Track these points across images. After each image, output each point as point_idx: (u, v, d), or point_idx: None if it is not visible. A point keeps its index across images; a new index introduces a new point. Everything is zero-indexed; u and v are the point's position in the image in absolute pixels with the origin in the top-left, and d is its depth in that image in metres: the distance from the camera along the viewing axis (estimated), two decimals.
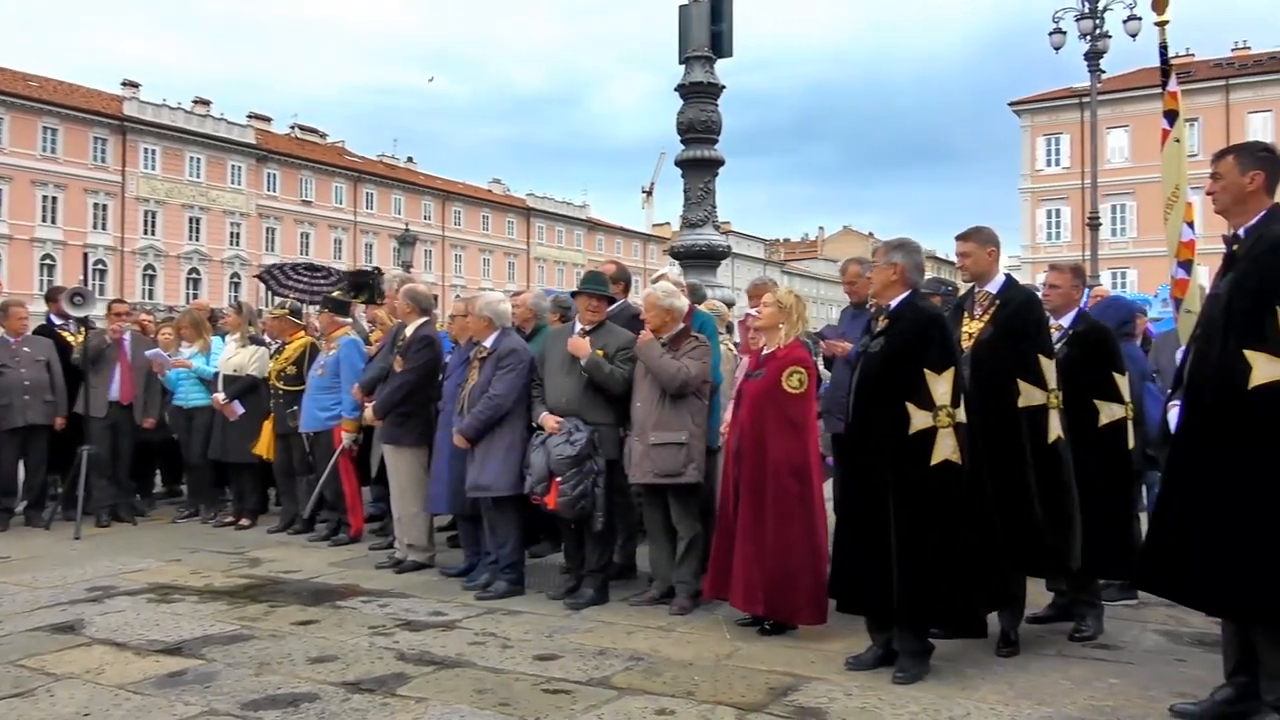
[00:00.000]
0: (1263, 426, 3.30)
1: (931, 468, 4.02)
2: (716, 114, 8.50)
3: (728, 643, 4.67)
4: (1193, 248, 4.91)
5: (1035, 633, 4.77)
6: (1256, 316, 3.36)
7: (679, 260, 8.13)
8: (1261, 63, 45.91)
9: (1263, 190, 3.60)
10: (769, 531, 4.63)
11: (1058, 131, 47.33)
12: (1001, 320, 4.51)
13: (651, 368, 5.19)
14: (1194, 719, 3.61)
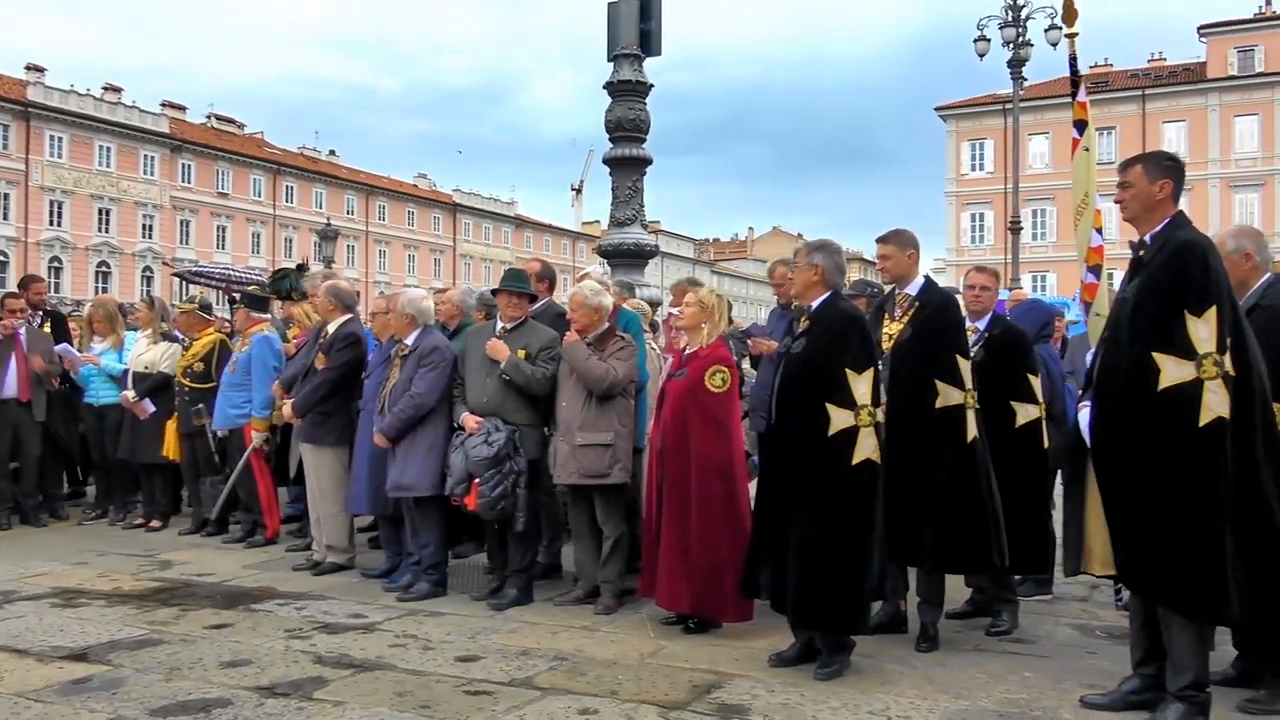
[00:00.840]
0: (1171, 426, 3.45)
1: (852, 467, 4.11)
2: (645, 112, 8.54)
3: (652, 641, 4.71)
4: (1101, 253, 5.08)
5: (954, 628, 4.91)
6: (1164, 321, 3.50)
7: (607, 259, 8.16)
8: (1176, 74, 47.85)
9: (1170, 199, 3.76)
10: (694, 530, 4.68)
11: (982, 137, 48.64)
12: (920, 322, 4.63)
13: (578, 370, 5.20)
14: (1103, 709, 3.76)
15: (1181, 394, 3.43)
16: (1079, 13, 5.21)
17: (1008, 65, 19.32)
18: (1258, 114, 44.86)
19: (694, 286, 5.15)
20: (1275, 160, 44.38)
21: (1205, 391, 3.41)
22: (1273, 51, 45.17)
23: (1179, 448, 3.43)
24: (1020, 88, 19.81)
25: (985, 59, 19.94)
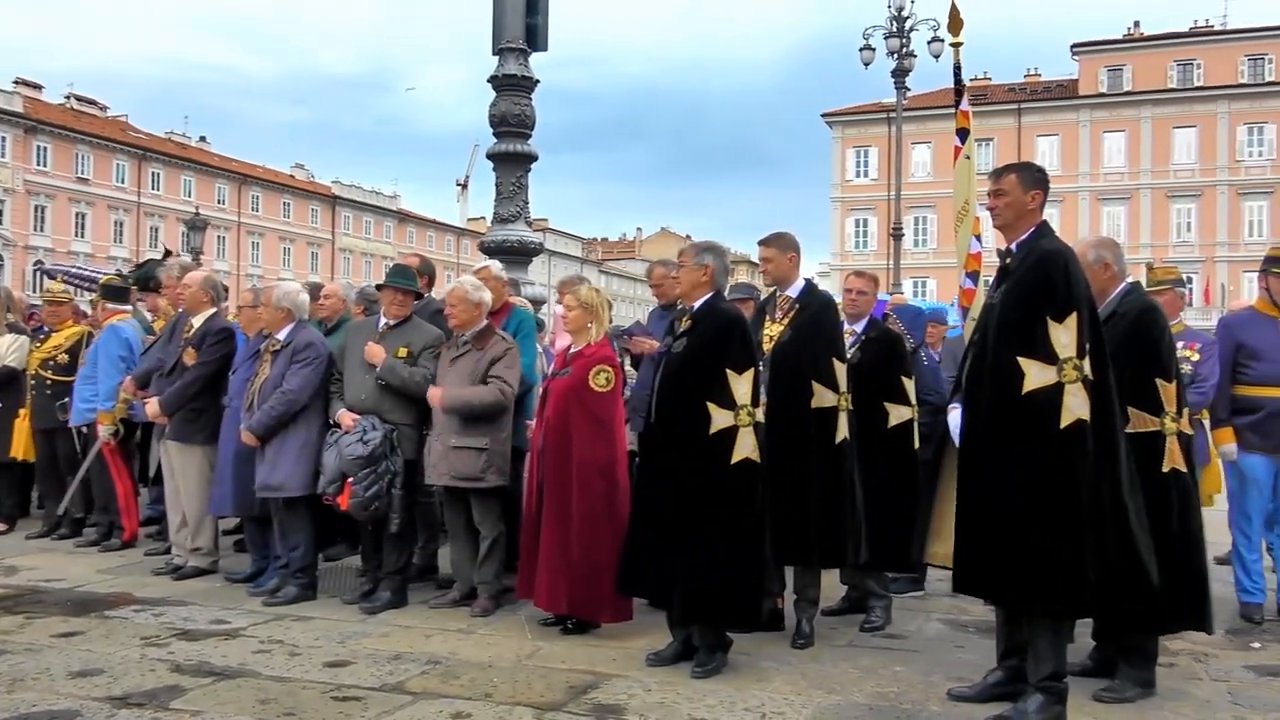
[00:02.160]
0: (1034, 428, 3.63)
1: (732, 466, 4.20)
2: (530, 108, 8.51)
3: (529, 643, 4.71)
4: (980, 260, 5.32)
5: (829, 625, 5.07)
6: (1029, 327, 3.69)
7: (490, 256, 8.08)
8: (1050, 90, 50.38)
9: (1039, 209, 3.96)
10: (574, 530, 4.70)
11: (867, 144, 50.22)
12: (800, 324, 4.77)
13: (472, 408, 5.13)
14: (968, 701, 3.94)
15: (1044, 397, 3.62)
16: (964, 22, 5.42)
17: (892, 75, 19.98)
18: (1125, 131, 47.61)
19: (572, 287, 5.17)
20: (1140, 175, 47.17)
21: (1066, 395, 3.61)
22: (1140, 71, 48.02)
23: (1041, 448, 3.62)
24: (904, 97, 20.53)
25: (870, 68, 20.57)
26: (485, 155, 8.82)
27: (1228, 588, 5.57)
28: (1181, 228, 46.66)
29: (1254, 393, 5.36)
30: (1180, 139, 46.84)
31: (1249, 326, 5.49)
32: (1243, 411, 5.39)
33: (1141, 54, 48.52)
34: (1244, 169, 45.95)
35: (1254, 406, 5.34)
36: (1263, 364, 5.34)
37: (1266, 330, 5.40)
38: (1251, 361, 5.37)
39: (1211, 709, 3.93)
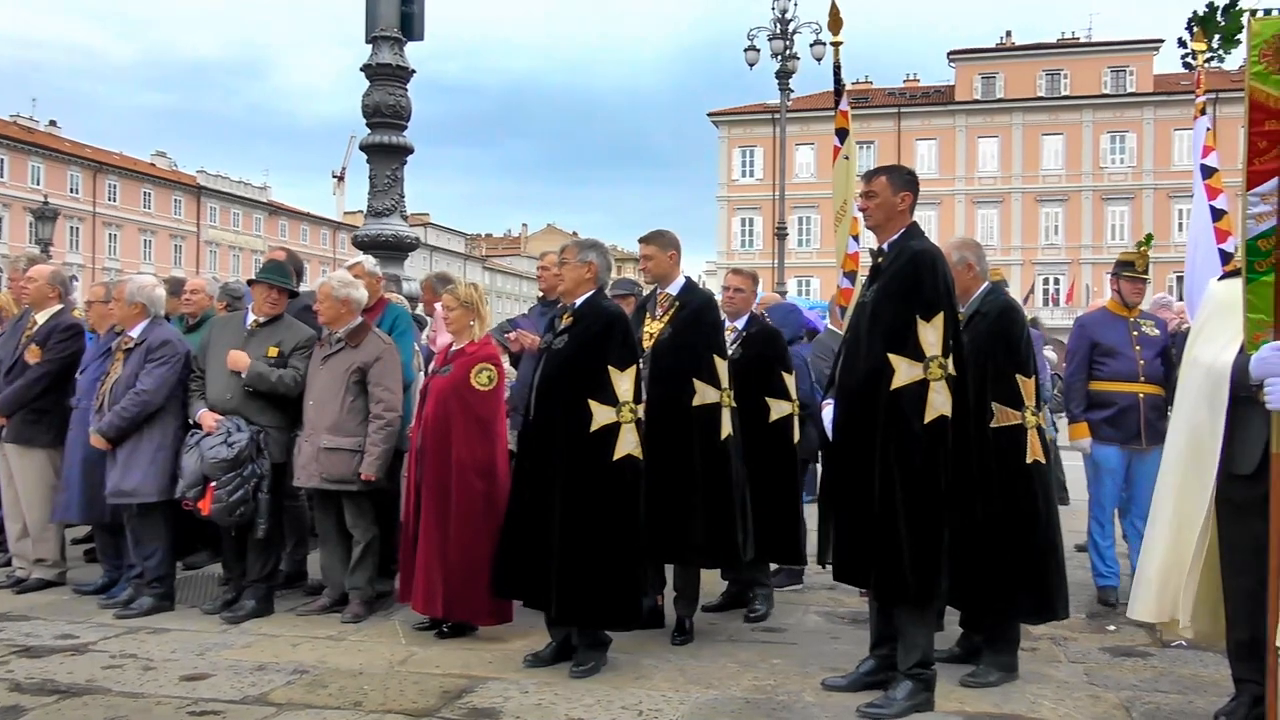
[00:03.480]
0: (900, 423, 3.79)
1: (613, 463, 4.23)
2: (406, 99, 8.38)
3: (403, 648, 4.65)
4: (857, 260, 5.49)
5: (709, 620, 5.17)
6: (899, 325, 3.84)
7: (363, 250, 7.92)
8: (928, 95, 52.25)
9: (908, 210, 4.13)
10: (452, 531, 4.66)
11: (752, 144, 51.15)
12: (680, 321, 4.83)
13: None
14: (841, 690, 4.07)
15: (910, 393, 3.78)
16: (844, 21, 5.57)
17: (776, 76, 20.38)
18: (998, 136, 49.77)
19: (444, 285, 5.12)
20: (1012, 180, 49.36)
21: (931, 391, 3.78)
22: (1012, 79, 50.25)
23: (906, 443, 3.78)
24: (788, 99, 20.95)
25: (755, 69, 20.92)
26: (359, 147, 8.65)
27: (1087, 573, 5.91)
28: (1049, 230, 49.08)
29: (1108, 388, 5.70)
30: (1049, 145, 49.25)
31: (1102, 326, 5.83)
32: (1097, 407, 5.71)
33: (1013, 63, 50.78)
34: (1107, 175, 48.62)
35: (1108, 402, 5.68)
36: (1115, 361, 5.69)
37: (1118, 329, 5.75)
38: (1105, 359, 5.71)
39: (1069, 689, 4.16)
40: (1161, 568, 3.72)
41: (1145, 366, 5.61)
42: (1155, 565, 3.74)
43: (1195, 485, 3.63)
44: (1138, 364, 5.65)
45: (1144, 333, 5.74)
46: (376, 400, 5.09)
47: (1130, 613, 3.85)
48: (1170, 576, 3.68)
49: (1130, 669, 4.48)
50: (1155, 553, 3.75)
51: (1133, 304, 5.84)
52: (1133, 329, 5.74)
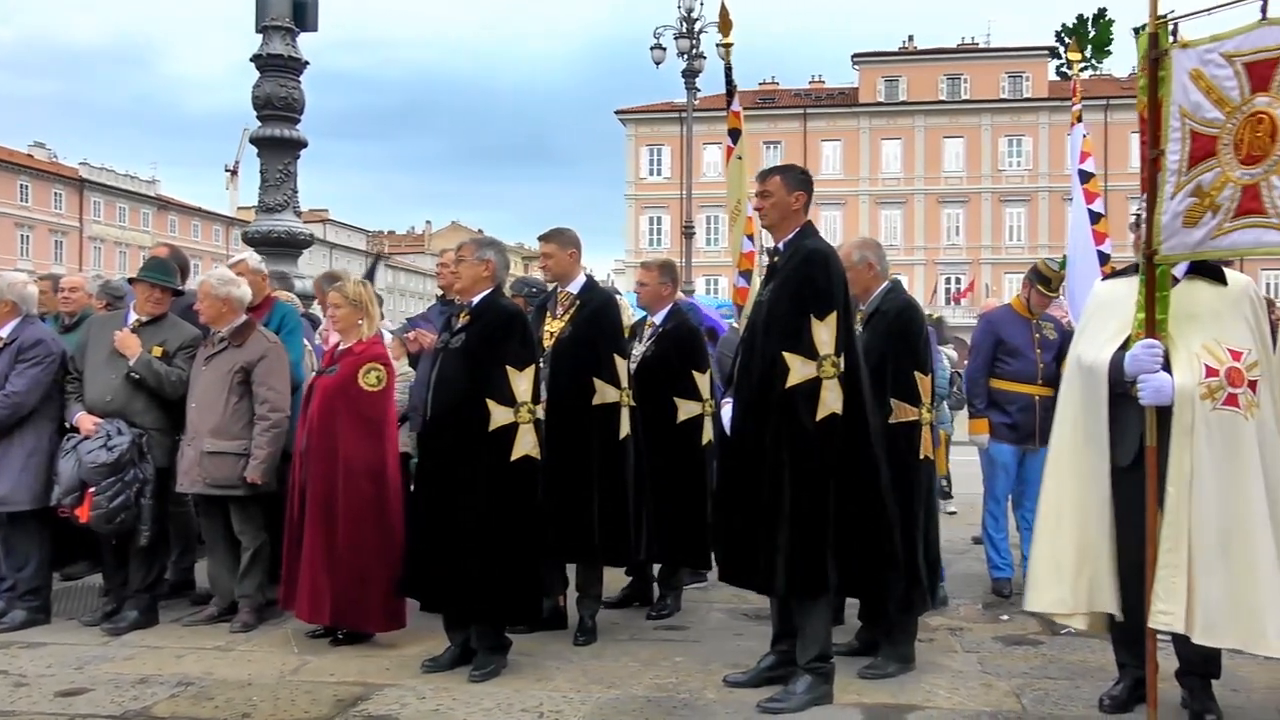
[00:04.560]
0: (794, 421, 3.87)
1: (511, 463, 4.22)
2: (299, 91, 8.20)
3: (296, 657, 4.56)
4: (752, 259, 5.56)
5: (612, 619, 5.19)
6: (794, 323, 3.92)
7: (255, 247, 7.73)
8: (833, 97, 53.30)
9: (803, 210, 4.20)
10: (339, 536, 4.59)
11: (660, 143, 51.47)
12: (580, 320, 4.84)
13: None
14: (742, 686, 4.13)
15: (804, 391, 3.87)
16: (733, 24, 5.65)
17: (683, 75, 20.52)
18: (901, 139, 51.09)
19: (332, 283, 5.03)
20: (914, 181, 50.71)
21: (824, 389, 3.87)
22: (914, 82, 51.64)
23: (799, 441, 3.86)
24: (694, 98, 21.12)
25: (662, 67, 21.03)
26: (249, 140, 8.44)
27: (983, 565, 6.11)
28: (951, 231, 50.59)
29: (1008, 388, 5.91)
30: (950, 148, 50.75)
31: (1006, 324, 6.05)
32: (997, 406, 5.92)
33: (915, 66, 52.18)
34: (1005, 178, 50.33)
35: (1008, 401, 5.88)
36: (1017, 361, 5.90)
37: (1021, 329, 5.97)
38: (1008, 358, 5.92)
39: (963, 678, 4.30)
40: (1057, 561, 3.87)
41: (1044, 369, 5.82)
42: (1050, 558, 3.89)
43: (1088, 479, 3.79)
44: (1038, 366, 5.86)
45: (1044, 335, 5.96)
46: (262, 401, 4.98)
47: (1026, 605, 4.00)
48: (1068, 569, 3.83)
49: (1022, 657, 4.65)
50: (1047, 546, 3.90)
51: (1038, 312, 6.06)
52: (1035, 331, 5.96)
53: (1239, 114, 3.39)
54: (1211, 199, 3.45)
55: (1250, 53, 3.36)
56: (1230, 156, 3.42)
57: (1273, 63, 3.32)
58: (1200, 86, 3.47)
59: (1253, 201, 3.38)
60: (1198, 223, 3.49)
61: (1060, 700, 4.03)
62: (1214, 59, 3.44)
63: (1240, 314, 3.67)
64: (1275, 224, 3.35)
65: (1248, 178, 3.38)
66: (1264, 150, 3.34)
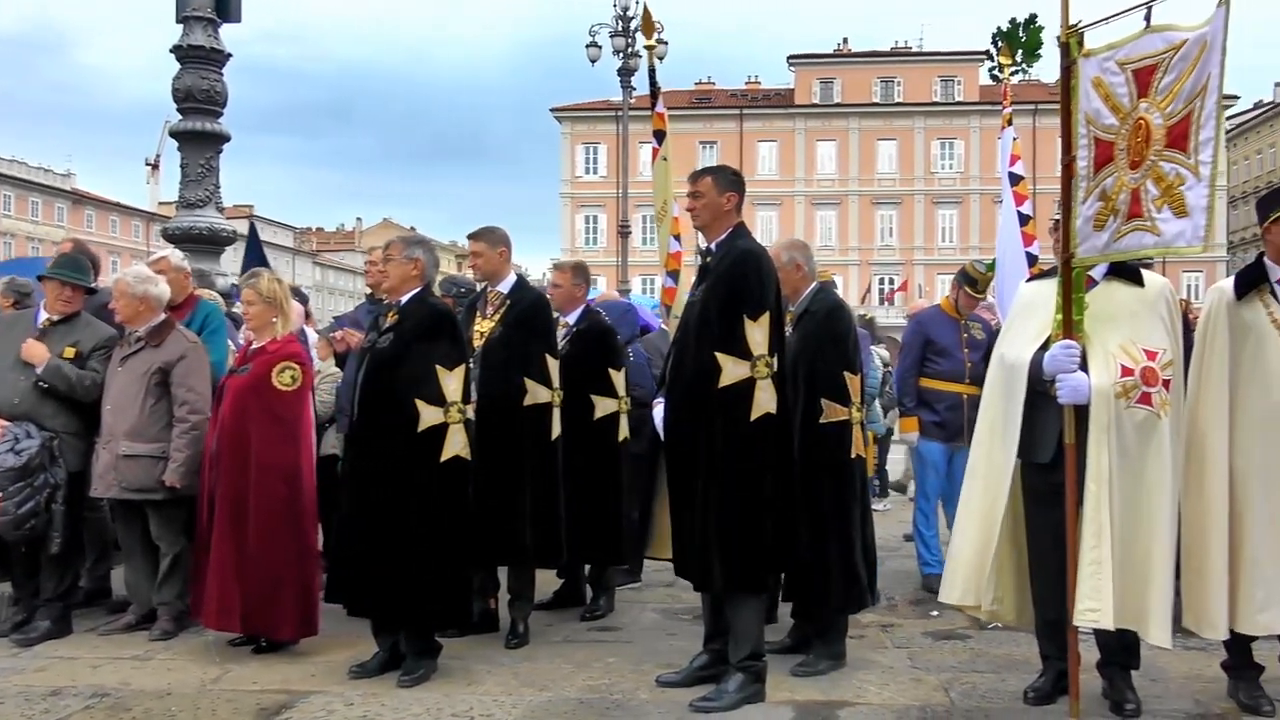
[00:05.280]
0: (728, 421, 3.91)
1: (441, 464, 4.20)
2: (221, 83, 8.05)
3: (217, 666, 4.48)
4: (679, 259, 5.60)
5: (545, 621, 5.19)
6: (727, 323, 3.96)
7: (175, 244, 7.57)
8: (769, 98, 53.80)
9: (735, 210, 4.24)
10: (250, 540, 4.53)
11: (596, 141, 51.46)
12: (511, 320, 4.83)
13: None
14: (675, 686, 4.16)
15: (738, 391, 3.91)
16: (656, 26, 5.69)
17: (618, 74, 20.53)
18: (836, 140, 51.77)
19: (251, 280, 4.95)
20: (849, 183, 51.45)
21: (757, 390, 3.91)
22: (849, 84, 52.36)
23: (733, 440, 3.90)
24: (630, 96, 21.14)
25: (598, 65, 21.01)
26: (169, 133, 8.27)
27: (914, 562, 6.23)
28: (885, 232, 51.42)
29: (938, 386, 6.04)
30: (883, 150, 51.57)
31: (935, 324, 6.18)
32: (926, 405, 6.04)
33: (850, 69, 52.92)
34: (937, 180, 51.32)
35: (937, 400, 6.01)
36: (946, 361, 6.03)
37: (949, 330, 6.11)
38: (937, 358, 6.05)
39: (894, 674, 4.38)
40: (968, 554, 3.98)
41: (972, 369, 5.95)
42: (963, 552, 4.00)
43: (996, 475, 3.91)
44: (965, 365, 5.99)
45: (972, 335, 6.10)
46: (181, 402, 4.87)
47: (941, 596, 4.10)
48: (977, 562, 3.95)
49: (950, 651, 4.76)
50: (962, 540, 4.02)
51: (966, 313, 6.20)
52: (963, 331, 6.09)
53: (1129, 120, 3.53)
54: (1112, 203, 3.60)
55: (1138, 59, 3.50)
56: (1124, 161, 3.56)
57: (1152, 68, 3.46)
58: (1100, 94, 3.61)
59: (1136, 205, 3.53)
60: (1104, 226, 3.63)
61: (987, 693, 4.13)
62: (1110, 66, 3.57)
63: (1156, 314, 3.80)
64: (1149, 226, 3.49)
65: (1133, 182, 3.52)
66: (1140, 155, 3.49)
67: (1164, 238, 3.47)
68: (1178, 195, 3.40)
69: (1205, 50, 3.31)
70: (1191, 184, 3.38)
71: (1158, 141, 3.44)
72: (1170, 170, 3.42)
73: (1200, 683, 4.19)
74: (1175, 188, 3.40)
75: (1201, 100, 3.34)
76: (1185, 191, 3.39)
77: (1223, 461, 3.82)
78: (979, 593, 3.94)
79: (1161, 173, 3.44)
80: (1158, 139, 3.44)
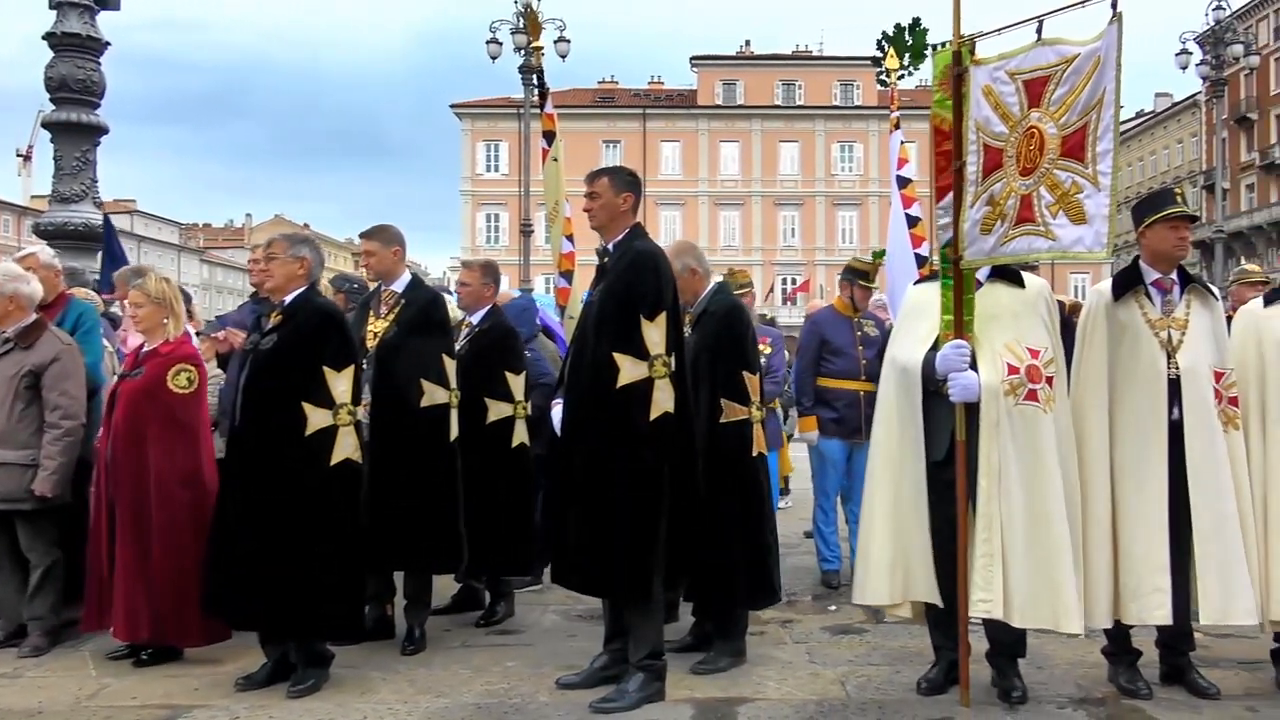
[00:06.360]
0: (626, 421, 3.93)
1: (331, 468, 4.12)
2: (98, 73, 7.73)
3: (93, 681, 4.32)
4: (573, 259, 5.61)
5: (443, 626, 5.14)
6: (624, 323, 3.98)
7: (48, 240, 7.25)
8: (672, 98, 54.13)
9: (631, 210, 4.26)
10: (154, 547, 4.40)
11: (497, 138, 51.03)
12: (405, 320, 4.76)
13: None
14: (575, 688, 4.17)
15: (636, 391, 3.93)
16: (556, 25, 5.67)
17: (519, 71, 20.34)
18: (739, 141, 52.37)
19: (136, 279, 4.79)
20: (752, 184, 52.11)
21: (655, 389, 3.95)
22: (752, 86, 53.03)
23: (630, 441, 3.92)
24: (532, 94, 20.94)
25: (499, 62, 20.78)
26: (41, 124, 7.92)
27: (814, 558, 6.35)
28: (787, 233, 52.26)
29: (834, 385, 6.17)
30: (785, 152, 52.40)
31: (830, 324, 6.31)
32: (824, 403, 6.16)
33: (752, 71, 53.61)
34: (837, 182, 52.37)
35: (835, 398, 6.14)
36: (841, 360, 6.17)
37: (844, 329, 6.24)
38: (833, 357, 6.18)
39: (792, 669, 4.47)
40: (876, 555, 4.08)
41: (867, 365, 6.10)
42: (871, 553, 4.09)
43: (903, 475, 4.01)
44: (860, 363, 6.14)
45: (865, 333, 6.25)
46: (53, 407, 4.68)
47: (855, 598, 4.19)
48: (887, 562, 4.04)
49: (847, 646, 4.88)
50: (870, 541, 4.11)
51: (861, 308, 6.34)
52: (856, 329, 6.23)
53: (1019, 128, 3.69)
54: (1000, 208, 3.75)
55: (1029, 71, 3.67)
56: (1013, 168, 3.72)
57: (1044, 80, 3.63)
58: (990, 102, 3.76)
59: (1027, 211, 3.69)
60: (991, 230, 3.78)
61: (882, 685, 4.24)
62: (1000, 76, 3.73)
63: (1037, 314, 3.97)
64: (1042, 231, 3.65)
65: (1024, 188, 3.68)
66: (1034, 163, 3.65)
67: (1060, 243, 3.62)
68: (1075, 203, 3.55)
69: (1099, 65, 3.47)
70: (1090, 192, 3.53)
71: (1052, 150, 3.59)
72: (1066, 178, 3.57)
73: (1083, 669, 4.38)
74: (1072, 195, 3.56)
75: (1098, 113, 3.50)
76: (1083, 200, 3.54)
77: (1103, 456, 4.01)
78: (891, 592, 4.04)
79: (1056, 180, 3.59)
80: (1052, 148, 3.59)
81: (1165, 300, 4.07)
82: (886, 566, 4.05)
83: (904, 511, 4.01)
